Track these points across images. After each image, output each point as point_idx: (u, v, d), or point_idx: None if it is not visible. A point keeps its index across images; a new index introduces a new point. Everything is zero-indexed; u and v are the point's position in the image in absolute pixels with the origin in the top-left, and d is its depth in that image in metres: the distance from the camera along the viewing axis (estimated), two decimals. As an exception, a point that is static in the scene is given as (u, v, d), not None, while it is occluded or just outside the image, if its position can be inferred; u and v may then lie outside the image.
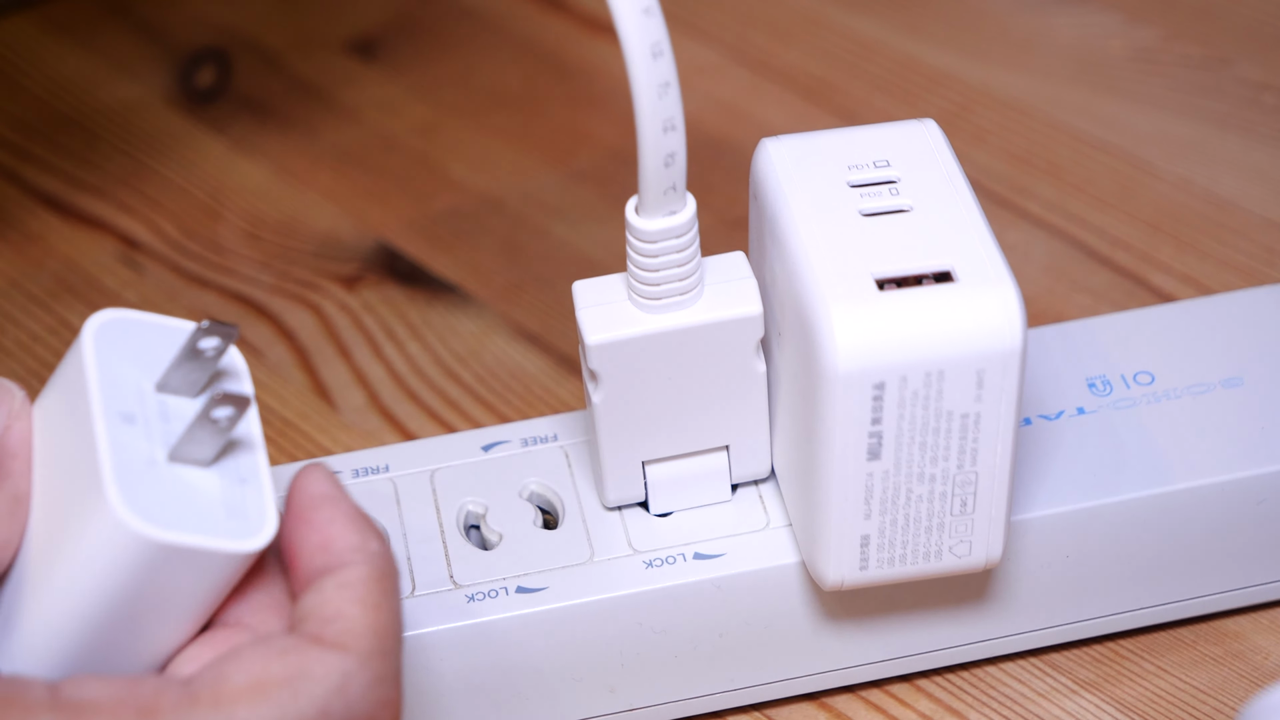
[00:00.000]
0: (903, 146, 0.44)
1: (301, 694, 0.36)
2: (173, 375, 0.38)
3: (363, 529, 0.38)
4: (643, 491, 0.46)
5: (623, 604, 0.45)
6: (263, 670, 0.36)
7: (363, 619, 0.37)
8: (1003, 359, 0.40)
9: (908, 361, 0.40)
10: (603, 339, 0.43)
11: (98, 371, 0.38)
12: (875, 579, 0.43)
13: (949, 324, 0.40)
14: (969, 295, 0.41)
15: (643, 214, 0.42)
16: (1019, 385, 0.41)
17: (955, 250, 0.41)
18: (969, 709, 0.47)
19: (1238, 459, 0.46)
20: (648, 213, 0.41)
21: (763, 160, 0.44)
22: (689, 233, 0.42)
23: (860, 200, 0.42)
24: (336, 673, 0.36)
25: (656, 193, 0.41)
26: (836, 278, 0.41)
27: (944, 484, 0.42)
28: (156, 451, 0.37)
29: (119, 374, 0.38)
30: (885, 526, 0.43)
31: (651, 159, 0.40)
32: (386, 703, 0.37)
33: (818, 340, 0.40)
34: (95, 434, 0.37)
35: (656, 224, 0.42)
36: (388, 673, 0.37)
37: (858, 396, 0.40)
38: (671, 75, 0.40)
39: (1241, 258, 0.59)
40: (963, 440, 0.42)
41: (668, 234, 0.42)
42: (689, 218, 0.42)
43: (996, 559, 0.44)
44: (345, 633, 0.37)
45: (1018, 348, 0.40)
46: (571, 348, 0.57)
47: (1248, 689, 0.47)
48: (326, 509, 0.39)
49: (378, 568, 0.38)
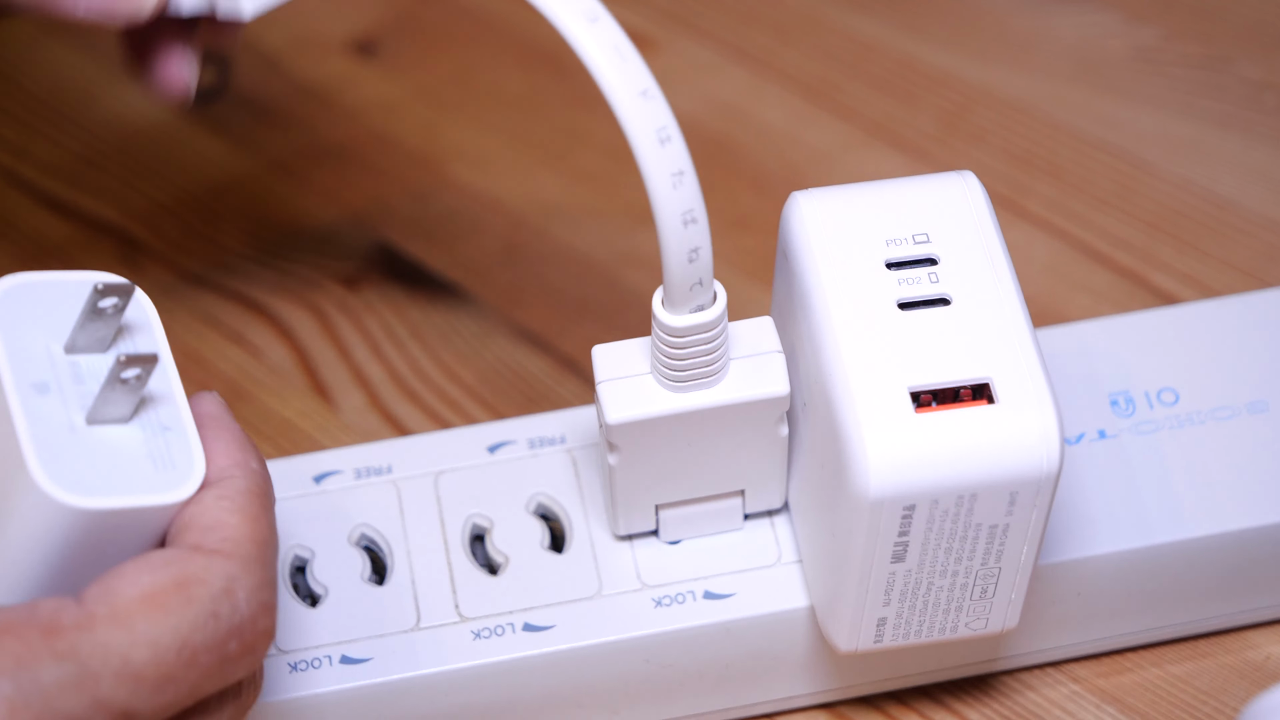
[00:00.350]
0: (942, 211, 0.41)
1: (193, 598, 0.37)
2: (79, 335, 0.39)
3: (244, 447, 0.39)
4: (654, 524, 0.45)
5: (631, 645, 0.44)
6: (151, 581, 0.37)
7: (241, 528, 0.38)
8: (1037, 483, 0.39)
9: (941, 487, 0.39)
10: (624, 418, 0.41)
11: (5, 344, 0.38)
12: (889, 647, 0.43)
13: (985, 448, 0.39)
14: (1007, 418, 0.39)
15: (669, 309, 0.40)
16: (1051, 501, 0.40)
17: (995, 357, 0.39)
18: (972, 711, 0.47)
19: (1259, 504, 0.45)
20: (674, 308, 0.40)
21: (794, 218, 0.42)
22: (718, 327, 0.40)
23: (898, 287, 0.40)
24: (222, 576, 0.37)
25: (683, 289, 0.39)
26: (871, 391, 0.39)
27: (966, 577, 0.41)
28: (75, 417, 0.38)
29: (28, 341, 0.38)
30: (904, 610, 0.42)
31: (675, 256, 0.39)
32: (268, 608, 0.38)
33: (850, 460, 0.39)
34: (11, 410, 0.37)
35: (684, 320, 0.40)
36: (267, 580, 0.38)
37: (888, 517, 0.39)
38: (685, 163, 0.38)
39: (1242, 257, 0.59)
40: (989, 545, 0.40)
41: (696, 330, 0.40)
42: (719, 313, 0.40)
43: (1012, 626, 0.43)
44: (226, 540, 0.38)
45: (1054, 471, 0.39)
46: (571, 348, 0.57)
47: (1248, 690, 0.47)
48: (211, 428, 0.40)
49: (256, 484, 0.39)
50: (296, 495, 0.46)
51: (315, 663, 0.43)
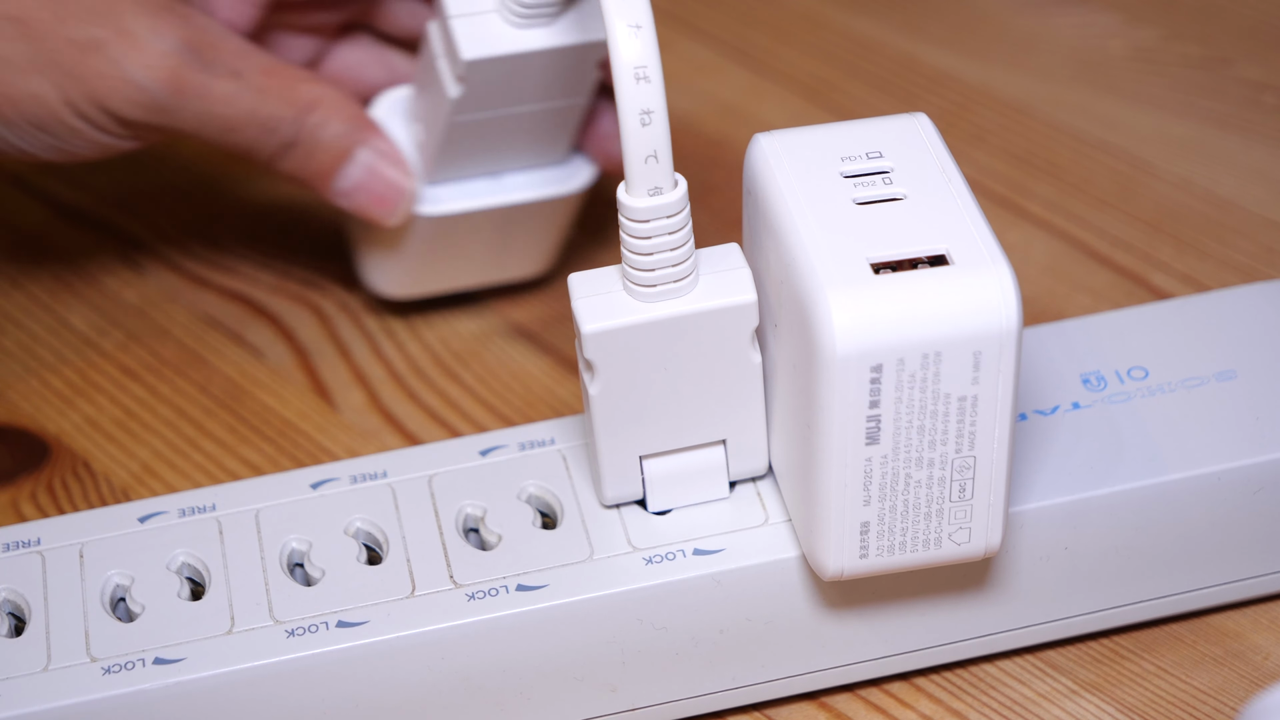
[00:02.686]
0: (895, 139, 0.44)
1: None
2: None
3: None
4: (640, 489, 0.46)
5: (623, 600, 0.45)
6: None
7: None
8: (999, 339, 0.41)
9: (905, 343, 0.40)
10: (598, 328, 0.43)
11: None
12: (875, 568, 0.44)
13: (945, 305, 0.40)
14: (964, 277, 0.41)
15: (629, 191, 0.42)
16: (1015, 366, 0.41)
17: (949, 235, 0.42)
18: (970, 709, 0.47)
19: (1233, 448, 0.47)
20: (633, 189, 0.41)
21: (756, 155, 0.44)
22: (680, 213, 0.42)
23: (854, 190, 0.43)
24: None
25: (638, 160, 0.41)
26: (832, 263, 0.41)
27: (942, 469, 0.42)
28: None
29: None
30: (884, 513, 0.43)
31: (628, 115, 0.40)
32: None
33: (815, 324, 0.40)
34: None
35: (644, 202, 0.42)
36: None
37: (856, 379, 0.41)
38: (645, 17, 0.40)
39: (1241, 257, 0.59)
40: (960, 424, 0.42)
41: (658, 213, 0.42)
42: (679, 196, 0.42)
43: (996, 547, 0.44)
44: None
45: (1014, 328, 0.41)
46: (571, 348, 0.57)
47: (1248, 690, 0.47)
48: None
49: None
50: (291, 500, 0.47)
51: (312, 629, 0.44)
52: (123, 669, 0.43)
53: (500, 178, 0.54)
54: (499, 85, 0.50)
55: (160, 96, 0.49)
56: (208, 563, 0.45)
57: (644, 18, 0.41)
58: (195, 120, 0.50)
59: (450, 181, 0.53)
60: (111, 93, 0.49)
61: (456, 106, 0.50)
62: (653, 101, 0.41)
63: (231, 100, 0.50)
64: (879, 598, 0.46)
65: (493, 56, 0.49)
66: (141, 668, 0.43)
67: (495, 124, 0.51)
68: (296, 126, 0.51)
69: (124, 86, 0.49)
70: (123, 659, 0.44)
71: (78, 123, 0.50)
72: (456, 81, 0.49)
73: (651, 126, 0.41)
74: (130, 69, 0.49)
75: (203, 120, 0.50)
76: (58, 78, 0.49)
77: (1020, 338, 0.41)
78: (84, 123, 0.50)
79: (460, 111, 0.50)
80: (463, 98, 0.50)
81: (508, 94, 0.50)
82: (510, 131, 0.52)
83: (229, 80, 0.50)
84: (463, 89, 0.49)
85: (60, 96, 0.49)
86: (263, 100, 0.50)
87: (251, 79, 0.50)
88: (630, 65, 0.40)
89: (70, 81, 0.49)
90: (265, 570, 0.45)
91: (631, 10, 0.40)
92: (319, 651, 0.44)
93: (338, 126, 0.51)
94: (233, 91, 0.50)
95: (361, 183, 0.52)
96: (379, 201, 0.52)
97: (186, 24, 0.50)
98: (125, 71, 0.49)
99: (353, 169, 0.52)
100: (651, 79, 0.40)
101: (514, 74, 0.49)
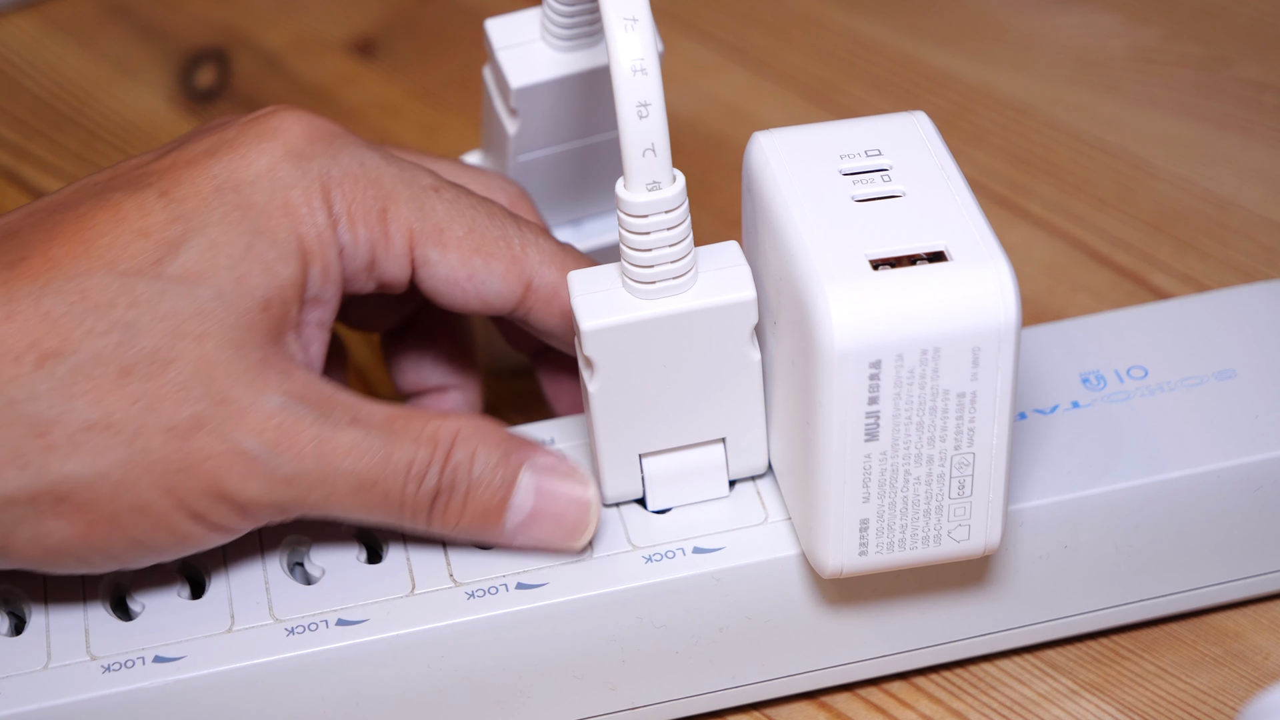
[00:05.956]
0: (894, 137, 0.44)
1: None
2: None
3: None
4: (640, 487, 0.46)
5: (622, 599, 0.45)
6: None
7: None
8: (998, 335, 0.41)
9: (904, 339, 0.40)
10: (597, 325, 0.43)
11: None
12: (874, 565, 0.44)
13: (943, 301, 0.40)
14: (963, 273, 0.41)
15: (628, 187, 0.42)
16: (1014, 363, 0.41)
17: (948, 231, 0.42)
18: (969, 709, 0.47)
19: (1233, 447, 0.46)
20: (632, 184, 0.41)
21: (755, 152, 0.44)
22: (678, 208, 0.42)
23: (853, 187, 0.43)
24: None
25: (635, 154, 0.41)
26: (831, 259, 0.41)
27: (941, 465, 0.42)
28: None
29: None
30: (884, 510, 0.43)
31: (625, 108, 0.40)
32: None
33: (814, 320, 0.40)
34: None
35: (642, 197, 0.41)
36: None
37: (855, 375, 0.41)
38: (643, 10, 0.40)
39: (1241, 258, 0.59)
40: (959, 420, 0.42)
41: (656, 208, 0.42)
42: (677, 191, 0.42)
43: (995, 544, 0.44)
44: None
45: (1012, 324, 0.41)
46: (571, 347, 0.57)
47: (1248, 690, 0.47)
48: None
49: None
50: None
51: (312, 627, 0.44)
52: (122, 667, 0.43)
53: (580, 225, 0.53)
54: (552, 114, 0.49)
55: (278, 463, 0.42)
56: (207, 561, 0.45)
57: (640, 11, 0.41)
58: (322, 484, 0.42)
59: None
60: (225, 473, 0.42)
61: (516, 144, 0.49)
62: (650, 94, 0.41)
63: (358, 450, 0.42)
64: (879, 596, 0.46)
65: (541, 82, 0.48)
66: (141, 666, 0.43)
67: (559, 162, 0.51)
68: (441, 468, 0.43)
69: (237, 462, 0.42)
70: (122, 657, 0.43)
71: (191, 526, 0.42)
72: (511, 116, 0.49)
73: (649, 119, 0.41)
74: (240, 438, 0.42)
75: (330, 482, 0.42)
76: (163, 478, 0.41)
77: (1019, 334, 0.41)
78: (198, 524, 0.42)
79: (520, 149, 0.50)
80: (519, 133, 0.49)
81: (563, 124, 0.50)
82: (577, 171, 0.51)
83: (351, 429, 0.42)
84: (518, 123, 0.49)
85: (170, 501, 0.42)
86: (395, 443, 0.43)
87: (375, 423, 0.43)
88: (627, 58, 0.40)
89: (178, 478, 0.41)
90: (265, 568, 0.45)
91: (628, 4, 0.40)
92: (319, 650, 0.44)
93: (488, 456, 0.44)
94: (357, 440, 0.42)
95: (537, 511, 0.44)
96: (561, 525, 0.45)
97: (289, 377, 0.43)
98: (235, 443, 0.42)
99: (520, 499, 0.44)
100: (649, 71, 0.40)
101: (565, 99, 0.49)
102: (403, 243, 0.45)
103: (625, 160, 0.41)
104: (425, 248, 0.45)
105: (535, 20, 0.48)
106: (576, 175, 0.51)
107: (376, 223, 0.44)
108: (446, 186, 0.45)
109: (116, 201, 0.43)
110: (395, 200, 0.44)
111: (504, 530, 0.44)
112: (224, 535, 0.43)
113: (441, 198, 0.45)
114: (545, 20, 0.48)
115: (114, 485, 0.41)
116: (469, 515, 0.44)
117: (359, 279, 0.45)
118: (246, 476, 0.42)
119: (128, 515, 0.41)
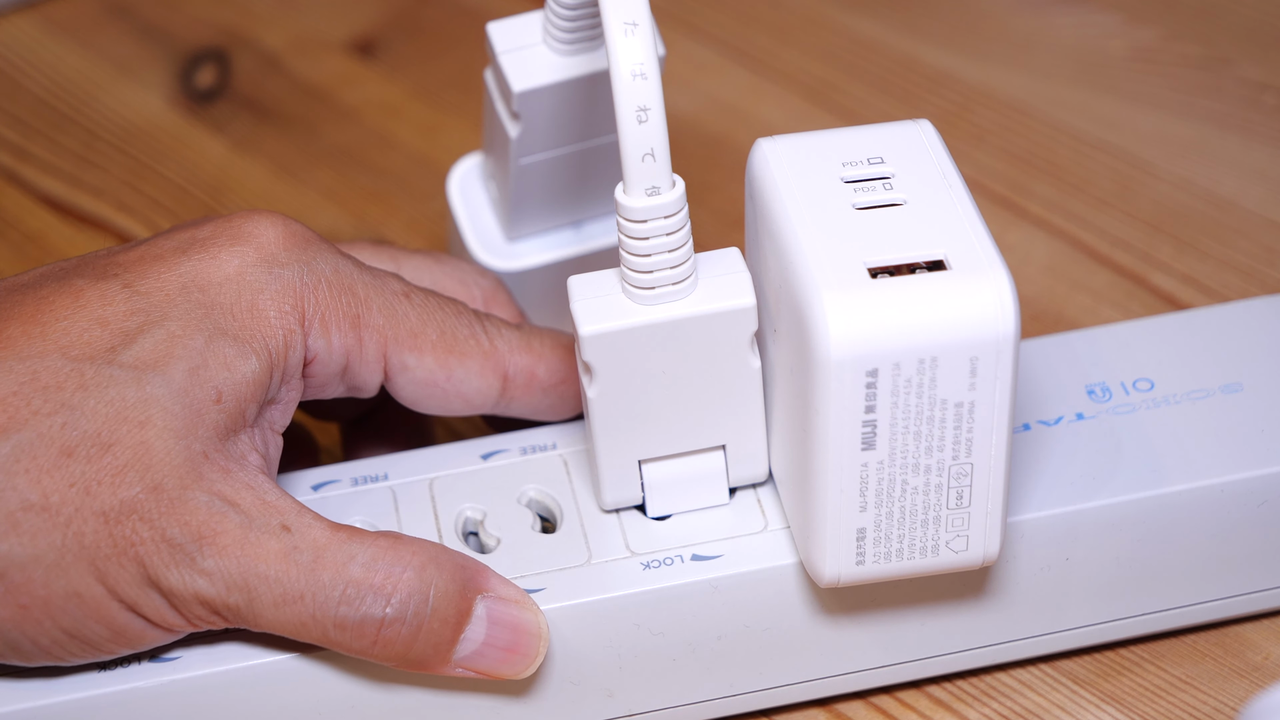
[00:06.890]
0: (898, 145, 0.44)
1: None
2: None
3: None
4: (640, 493, 0.46)
5: (620, 605, 0.45)
6: None
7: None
8: (996, 345, 0.40)
9: (901, 348, 0.40)
10: (596, 330, 0.43)
11: None
12: (872, 575, 0.43)
13: (942, 310, 0.40)
14: (961, 282, 0.41)
15: (627, 191, 0.42)
16: (1013, 373, 0.41)
17: (948, 240, 0.41)
18: (972, 710, 0.47)
19: (1237, 461, 0.46)
20: (631, 189, 0.41)
21: (758, 160, 0.44)
22: (678, 213, 0.42)
23: (854, 195, 0.43)
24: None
25: (635, 158, 0.41)
26: (829, 266, 0.41)
27: (939, 475, 0.42)
28: None
29: None
30: (881, 519, 0.43)
31: (624, 110, 0.40)
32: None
33: (811, 328, 0.40)
34: None
35: (642, 202, 0.41)
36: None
37: (851, 383, 0.40)
38: (642, 14, 0.40)
39: (1241, 258, 0.59)
40: (957, 430, 0.42)
41: (655, 213, 0.42)
42: (677, 196, 0.42)
43: (994, 556, 0.44)
44: None
45: (1011, 334, 0.40)
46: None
47: (1247, 689, 0.47)
48: None
49: None
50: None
51: None
52: (119, 665, 0.43)
53: (581, 227, 0.53)
54: (553, 117, 0.49)
55: (200, 555, 0.41)
56: None
57: (641, 16, 0.41)
58: (243, 587, 0.41)
59: (531, 236, 0.53)
60: (151, 559, 0.41)
61: (517, 147, 0.49)
62: (649, 99, 0.41)
63: (283, 559, 0.41)
64: (878, 605, 0.46)
65: (542, 86, 0.48)
66: (138, 665, 0.43)
67: (560, 164, 0.51)
68: (388, 596, 0.42)
69: (163, 549, 0.41)
70: None
71: (126, 618, 0.41)
72: (513, 119, 0.49)
73: (648, 124, 0.41)
74: (166, 525, 0.41)
75: (252, 586, 0.41)
76: (94, 563, 0.41)
77: (1018, 344, 0.41)
78: (133, 616, 0.41)
79: (522, 152, 0.50)
80: (521, 136, 0.49)
81: (565, 127, 0.50)
82: (578, 174, 0.51)
83: (279, 536, 0.41)
84: (520, 126, 0.49)
85: (102, 588, 0.41)
86: (331, 560, 0.42)
87: (312, 536, 0.42)
88: (627, 63, 0.40)
89: (108, 563, 0.41)
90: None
91: (628, 8, 0.40)
92: (316, 652, 0.44)
93: (444, 583, 0.42)
94: (284, 548, 0.41)
95: (488, 642, 0.43)
96: (509, 657, 0.43)
97: (227, 477, 0.42)
98: (162, 530, 0.41)
99: (473, 631, 0.43)
100: (648, 76, 0.40)
101: (567, 103, 0.49)
102: (376, 349, 0.45)
103: (624, 165, 0.41)
104: (401, 353, 0.45)
105: (537, 24, 0.48)
106: (578, 178, 0.51)
107: (350, 329, 0.44)
108: (416, 291, 0.46)
109: (79, 288, 0.43)
110: (369, 307, 0.44)
111: (449, 664, 0.43)
112: (162, 633, 0.42)
113: (413, 303, 0.45)
114: (547, 24, 0.48)
115: (47, 569, 0.40)
116: (419, 647, 0.42)
117: (331, 384, 0.45)
118: (171, 565, 0.41)
119: (61, 601, 0.41)
